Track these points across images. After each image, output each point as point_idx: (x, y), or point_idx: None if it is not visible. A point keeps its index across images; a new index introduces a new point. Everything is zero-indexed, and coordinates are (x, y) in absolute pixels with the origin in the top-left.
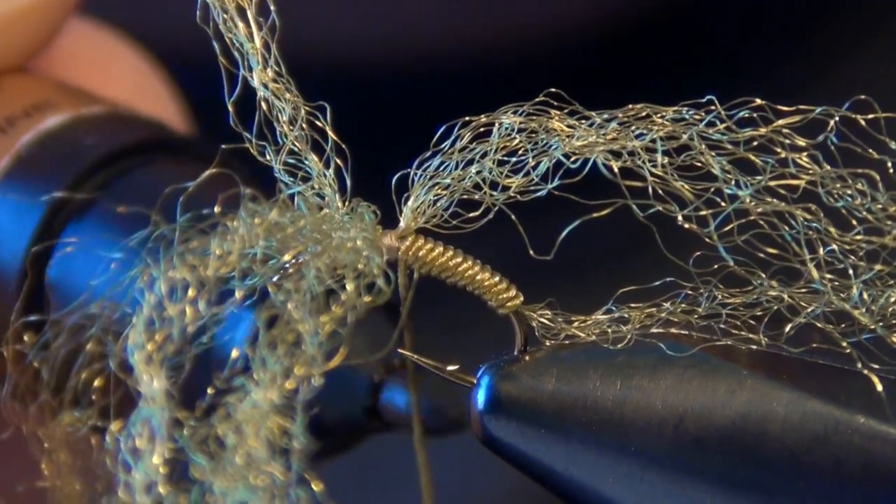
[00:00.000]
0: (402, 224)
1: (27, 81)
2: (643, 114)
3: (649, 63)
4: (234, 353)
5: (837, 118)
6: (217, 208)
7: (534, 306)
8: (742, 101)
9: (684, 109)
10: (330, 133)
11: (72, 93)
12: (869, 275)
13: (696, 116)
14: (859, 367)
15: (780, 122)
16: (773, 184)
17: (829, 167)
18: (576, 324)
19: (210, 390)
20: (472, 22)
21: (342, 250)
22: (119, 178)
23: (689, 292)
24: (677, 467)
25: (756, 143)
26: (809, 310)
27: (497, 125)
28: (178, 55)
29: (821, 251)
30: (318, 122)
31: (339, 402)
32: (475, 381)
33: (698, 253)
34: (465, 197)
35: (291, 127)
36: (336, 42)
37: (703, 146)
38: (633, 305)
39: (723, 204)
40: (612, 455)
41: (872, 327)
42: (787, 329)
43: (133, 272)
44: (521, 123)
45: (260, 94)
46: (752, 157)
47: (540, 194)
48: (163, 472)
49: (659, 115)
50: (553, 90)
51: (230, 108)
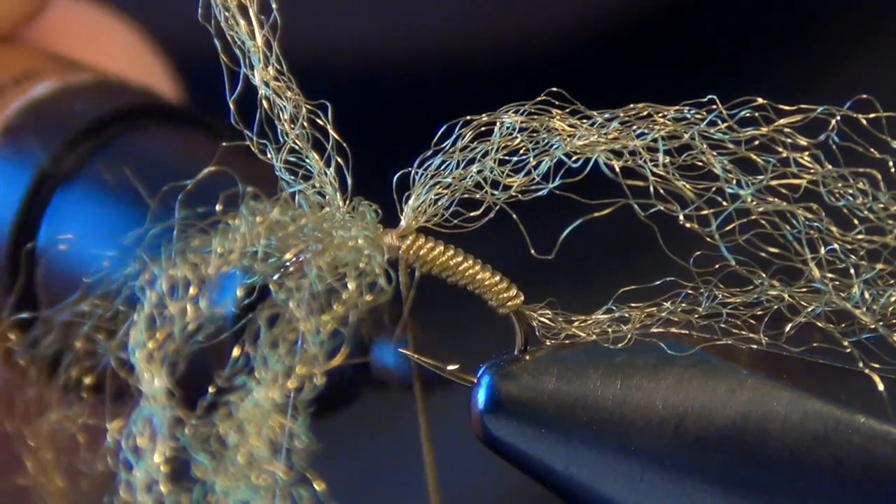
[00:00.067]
0: (403, 223)
1: (15, 50)
2: (644, 113)
3: (650, 63)
4: (236, 350)
5: (839, 117)
6: (218, 206)
7: (534, 306)
8: (743, 101)
9: (685, 109)
10: (331, 131)
11: (60, 61)
12: (870, 274)
13: (698, 116)
14: (860, 367)
15: (781, 121)
16: (774, 183)
17: (830, 166)
18: (576, 323)
19: (211, 389)
20: (473, 21)
21: (343, 249)
22: (109, 144)
23: (690, 292)
24: (677, 467)
25: (757, 142)
26: (810, 309)
27: (498, 124)
28: (179, 53)
29: (822, 250)
30: (319, 121)
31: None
32: (475, 381)
33: (699, 252)
34: (466, 196)
35: (292, 125)
36: (337, 40)
37: (705, 145)
38: (633, 305)
39: (724, 203)
40: (612, 455)
41: (873, 327)
42: (788, 329)
43: (128, 270)
44: (522, 123)
45: (261, 92)
46: (754, 157)
47: (541, 194)
48: (164, 471)
49: (660, 115)
50: (554, 89)
51: (231, 107)
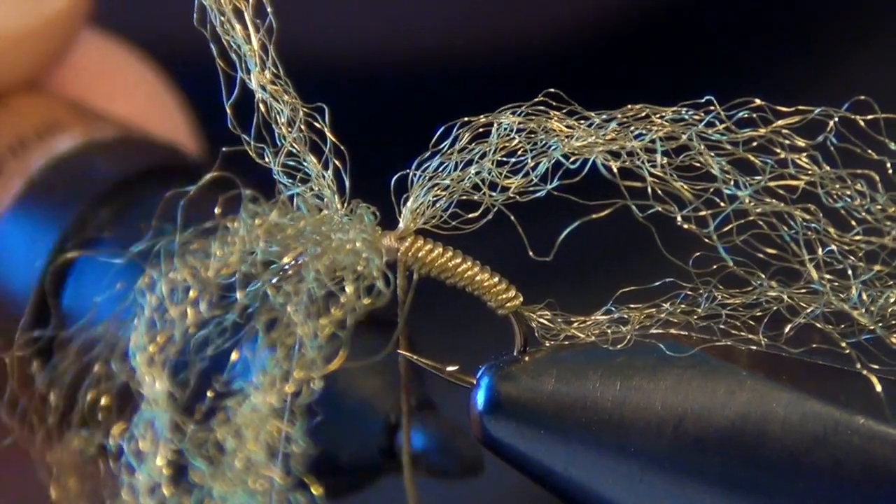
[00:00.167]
0: (401, 225)
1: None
2: (642, 114)
3: (649, 63)
4: (234, 355)
5: (837, 119)
6: (217, 209)
7: (533, 307)
8: (741, 102)
9: (683, 110)
10: (328, 134)
11: (83, 113)
12: (868, 275)
13: (696, 117)
14: (859, 368)
15: (779, 122)
16: (772, 184)
17: (828, 168)
18: (575, 324)
19: (209, 394)
20: (473, 21)
21: (341, 252)
22: (132, 203)
23: (689, 293)
24: (677, 468)
25: (755, 143)
26: (809, 310)
27: (496, 125)
28: (175, 58)
29: (820, 252)
30: (316, 124)
31: (354, 441)
32: (475, 382)
33: (698, 253)
34: (464, 198)
35: (290, 128)
36: (334, 43)
37: (703, 146)
38: (632, 306)
39: (722, 204)
40: (611, 455)
41: (872, 328)
42: (787, 329)
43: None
44: (520, 124)
45: (258, 95)
46: (752, 158)
47: (539, 195)
48: (166, 474)
49: (658, 116)
50: (552, 90)
51: (228, 111)
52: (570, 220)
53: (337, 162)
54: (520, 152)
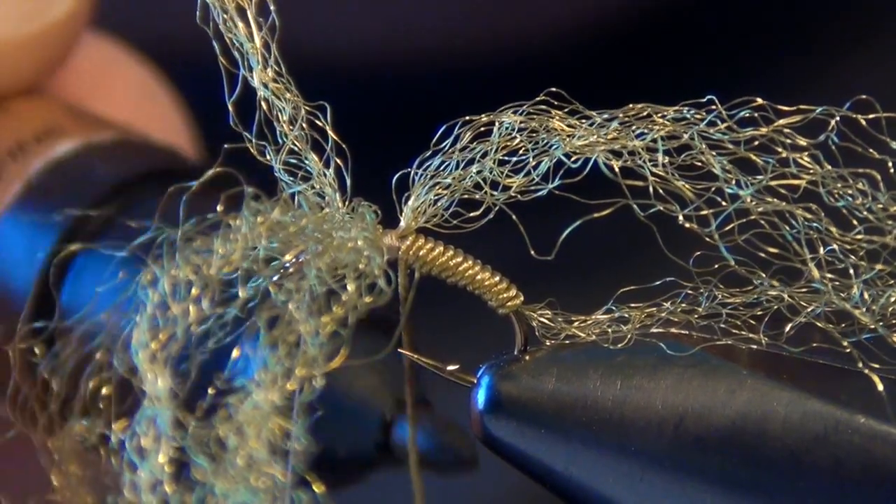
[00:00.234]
0: (402, 224)
1: (37, 105)
2: (644, 113)
3: (649, 63)
4: (235, 352)
5: (838, 118)
6: (220, 207)
7: (534, 306)
8: (743, 101)
9: (685, 109)
10: (330, 132)
11: (81, 117)
12: (869, 274)
13: (697, 116)
14: (860, 367)
15: (780, 121)
16: (773, 183)
17: (829, 167)
18: (576, 324)
19: (211, 391)
20: (473, 21)
21: (343, 250)
22: (130, 206)
23: (690, 292)
24: (677, 467)
25: (757, 142)
26: (810, 309)
27: (497, 125)
28: (178, 55)
29: (821, 251)
30: (318, 122)
31: (350, 437)
32: (475, 381)
33: (699, 252)
34: (465, 196)
35: (291, 126)
36: (336, 41)
37: (704, 146)
38: (633, 305)
39: (723, 203)
40: (612, 455)
41: (873, 327)
42: (788, 329)
43: (137, 279)
44: (521, 123)
45: (260, 93)
46: (753, 157)
47: (540, 194)
48: (168, 471)
49: (660, 115)
50: (554, 90)
51: (230, 108)
52: (572, 220)
53: (338, 160)
54: (521, 151)
